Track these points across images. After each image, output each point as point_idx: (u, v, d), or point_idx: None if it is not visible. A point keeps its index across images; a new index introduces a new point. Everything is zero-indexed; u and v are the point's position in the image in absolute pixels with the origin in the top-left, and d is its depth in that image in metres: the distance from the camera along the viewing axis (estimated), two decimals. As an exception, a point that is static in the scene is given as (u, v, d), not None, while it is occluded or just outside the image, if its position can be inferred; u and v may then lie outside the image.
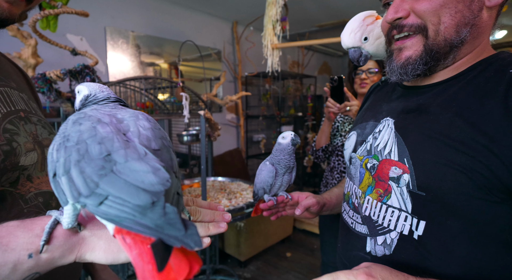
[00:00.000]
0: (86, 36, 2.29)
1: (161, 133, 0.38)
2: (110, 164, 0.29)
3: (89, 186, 0.28)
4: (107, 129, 0.32)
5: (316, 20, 3.39)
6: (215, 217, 0.43)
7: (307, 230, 3.18)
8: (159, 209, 0.27)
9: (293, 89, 3.94)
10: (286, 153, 0.77)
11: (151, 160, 0.31)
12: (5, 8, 0.49)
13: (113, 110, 0.39)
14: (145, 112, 1.92)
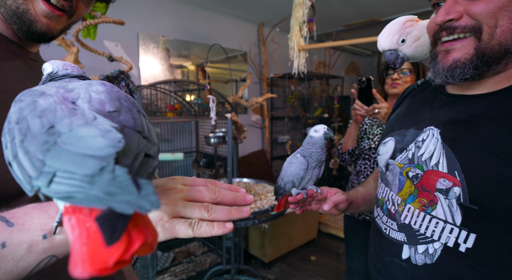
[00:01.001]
0: (121, 41, 2.42)
1: (120, 95, 0.33)
2: (53, 137, 0.26)
3: (36, 166, 0.25)
4: (49, 100, 0.29)
5: (343, 19, 3.32)
6: (236, 198, 0.41)
7: (332, 234, 3.11)
8: (108, 173, 0.23)
9: (319, 90, 3.88)
10: (318, 146, 0.76)
11: (101, 123, 0.27)
12: (44, 23, 0.50)
13: (66, 83, 0.35)
14: (174, 114, 2.00)
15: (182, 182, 0.40)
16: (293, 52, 2.06)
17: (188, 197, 0.38)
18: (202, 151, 2.76)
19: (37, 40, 0.54)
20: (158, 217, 0.35)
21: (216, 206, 0.38)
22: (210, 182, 0.42)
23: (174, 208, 0.36)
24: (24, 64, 0.54)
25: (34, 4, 0.48)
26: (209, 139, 1.87)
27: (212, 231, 0.36)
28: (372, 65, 5.32)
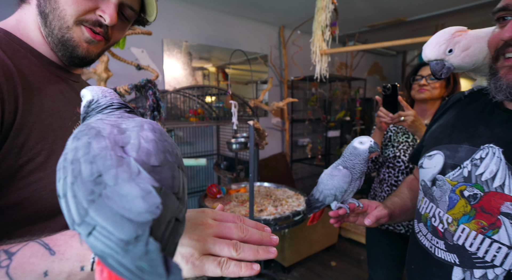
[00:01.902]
0: (146, 48, 2.51)
1: (166, 146, 0.34)
2: (100, 187, 0.26)
3: (80, 213, 0.25)
4: (101, 144, 0.30)
5: (367, 20, 3.24)
6: (263, 238, 0.41)
7: (353, 239, 3.05)
8: (141, 246, 0.23)
9: (340, 92, 3.81)
10: (362, 158, 0.74)
11: (143, 180, 0.27)
12: (84, 48, 0.54)
13: (119, 119, 0.37)
14: (197, 119, 2.04)
15: (211, 216, 0.41)
16: (315, 56, 2.05)
17: (217, 233, 0.39)
18: (223, 154, 2.81)
19: (78, 64, 0.58)
20: (189, 253, 0.35)
21: (244, 245, 0.39)
22: (238, 218, 0.43)
23: (205, 245, 0.37)
24: (67, 86, 0.58)
25: (76, 32, 0.53)
26: (231, 145, 1.90)
27: (239, 272, 0.37)
28: (397, 65, 5.15)
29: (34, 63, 0.53)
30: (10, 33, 0.53)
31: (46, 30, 0.53)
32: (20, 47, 0.52)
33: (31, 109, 0.47)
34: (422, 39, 1.71)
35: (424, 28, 3.49)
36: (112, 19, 0.52)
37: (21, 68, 0.49)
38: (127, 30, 0.63)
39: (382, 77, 5.07)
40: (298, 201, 1.93)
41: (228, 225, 0.40)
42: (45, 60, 0.55)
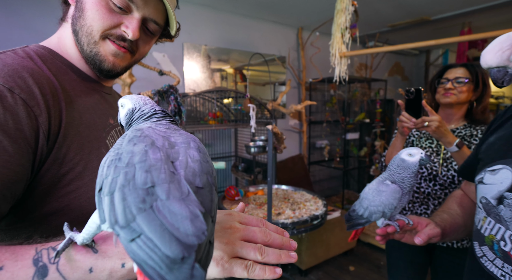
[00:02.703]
0: (168, 52, 2.59)
1: (208, 167, 0.35)
2: (151, 198, 0.27)
3: (127, 217, 0.26)
4: (157, 156, 0.31)
5: (388, 20, 3.16)
6: (284, 243, 0.43)
7: (373, 244, 2.99)
8: (187, 269, 0.23)
9: (360, 93, 3.74)
10: (411, 171, 0.69)
11: (192, 202, 0.28)
12: (110, 61, 0.58)
13: (168, 130, 0.38)
14: (216, 122, 2.08)
15: (238, 220, 0.43)
16: (334, 59, 2.03)
17: (244, 237, 0.41)
18: (240, 156, 2.84)
19: (107, 77, 0.62)
20: (219, 256, 0.37)
21: (268, 249, 0.41)
22: (261, 222, 0.45)
23: (233, 248, 0.39)
24: (101, 98, 0.62)
25: (102, 46, 0.56)
26: (249, 148, 1.92)
27: (264, 275, 0.39)
28: (419, 65, 4.98)
29: (74, 78, 0.57)
30: (53, 51, 0.57)
31: (79, 47, 0.57)
32: (62, 64, 0.57)
33: (72, 122, 0.51)
34: (447, 40, 1.65)
35: (449, 27, 3.35)
36: (135, 34, 0.55)
37: (63, 84, 0.53)
38: (153, 43, 0.65)
39: (404, 78, 4.92)
40: (316, 205, 1.92)
41: (253, 229, 0.42)
42: (82, 75, 0.60)
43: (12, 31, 1.92)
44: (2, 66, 0.45)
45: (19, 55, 0.49)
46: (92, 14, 0.54)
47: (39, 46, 0.56)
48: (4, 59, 0.46)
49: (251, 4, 2.69)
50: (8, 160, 0.40)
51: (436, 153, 1.29)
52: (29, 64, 0.49)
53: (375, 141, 3.54)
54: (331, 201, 3.58)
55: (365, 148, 3.75)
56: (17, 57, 0.48)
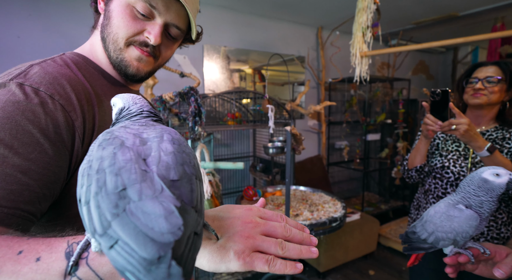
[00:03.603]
0: (188, 54, 2.64)
1: (185, 158, 0.34)
2: (124, 202, 0.26)
3: (103, 225, 0.25)
4: (126, 156, 0.30)
5: (412, 17, 3.05)
6: (304, 239, 0.43)
7: (394, 248, 2.90)
8: (164, 268, 0.23)
9: (381, 93, 3.64)
10: (494, 195, 0.60)
11: (166, 198, 0.27)
12: (135, 66, 0.60)
13: (142, 127, 0.37)
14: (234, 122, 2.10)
15: (258, 215, 0.43)
16: (355, 58, 1.99)
17: (264, 231, 0.41)
18: (259, 156, 2.85)
19: (132, 81, 0.65)
20: (241, 250, 0.38)
21: (289, 244, 0.41)
22: (281, 217, 0.45)
23: (254, 243, 0.39)
24: None
25: (127, 52, 0.59)
26: (267, 149, 1.93)
27: (285, 270, 0.38)
28: (446, 63, 4.76)
29: (105, 83, 0.60)
30: (86, 58, 0.61)
31: (106, 53, 0.60)
32: (94, 70, 0.60)
33: (104, 126, 0.54)
34: (476, 38, 1.57)
35: (478, 22, 3.18)
36: (156, 39, 0.57)
37: (96, 89, 0.56)
38: (176, 47, 0.67)
39: (429, 76, 4.73)
40: (335, 207, 1.89)
41: (273, 223, 0.42)
42: (112, 80, 0.63)
43: (47, 38, 2.04)
44: (44, 75, 0.48)
45: (58, 63, 0.53)
46: (117, 22, 0.56)
47: (74, 54, 0.60)
48: (46, 68, 0.50)
49: (270, 4, 2.69)
50: (48, 162, 0.43)
51: (464, 157, 1.23)
52: (67, 72, 0.52)
53: (397, 143, 3.43)
54: (350, 203, 3.51)
55: (387, 150, 3.64)
56: (56, 65, 0.52)
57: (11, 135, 0.41)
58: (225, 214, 0.42)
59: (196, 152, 1.48)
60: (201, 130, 1.48)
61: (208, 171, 1.60)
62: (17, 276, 0.29)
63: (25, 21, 1.97)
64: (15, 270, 0.29)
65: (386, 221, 3.35)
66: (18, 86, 0.45)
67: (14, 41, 1.95)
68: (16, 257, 0.30)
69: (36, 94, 0.45)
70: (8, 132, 0.41)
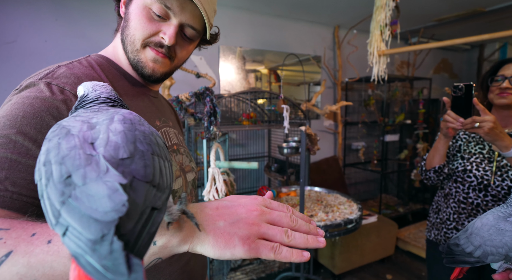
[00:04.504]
0: (204, 55, 2.68)
1: (137, 135, 0.33)
2: (69, 189, 0.26)
3: (55, 215, 0.26)
4: (70, 144, 0.30)
5: (434, 13, 2.94)
6: (310, 230, 0.42)
7: (413, 253, 2.81)
8: (106, 245, 0.23)
9: (400, 93, 3.53)
10: None
11: (111, 177, 0.27)
12: (150, 67, 0.61)
13: (93, 113, 0.36)
14: (249, 122, 2.11)
15: (263, 204, 0.43)
16: (372, 57, 1.95)
17: (270, 220, 0.41)
18: (273, 157, 2.85)
19: (149, 81, 0.66)
20: (246, 236, 0.38)
21: (295, 233, 0.40)
22: (287, 208, 0.45)
23: (259, 229, 0.39)
24: (149, 101, 0.68)
25: (144, 54, 0.60)
26: (282, 149, 1.92)
27: (291, 257, 0.38)
28: (471, 61, 4.55)
29: (126, 84, 0.63)
30: (109, 59, 0.64)
31: (126, 55, 0.62)
32: (116, 71, 0.63)
33: None
34: (504, 34, 1.50)
35: (506, 18, 3.03)
36: (171, 39, 0.58)
37: (118, 89, 0.59)
38: (192, 48, 0.67)
39: (452, 75, 4.54)
40: (351, 208, 1.86)
41: (279, 213, 0.42)
42: (133, 80, 0.65)
43: (72, 41, 2.14)
44: (70, 75, 0.52)
45: (83, 65, 0.56)
46: (135, 24, 0.58)
47: (98, 56, 0.63)
48: (72, 69, 0.53)
49: (287, 4, 2.68)
50: None
51: (488, 160, 1.17)
52: (91, 72, 0.55)
53: (417, 144, 3.32)
54: (367, 205, 3.44)
55: (406, 151, 3.53)
56: (81, 67, 0.55)
57: (36, 130, 0.44)
58: (229, 202, 0.42)
59: (211, 152, 1.51)
60: (216, 130, 1.50)
61: (223, 170, 1.62)
62: (29, 256, 0.31)
63: (52, 26, 2.07)
64: (28, 251, 0.31)
65: (405, 224, 3.26)
66: (46, 84, 0.49)
67: (41, 45, 2.05)
68: (29, 238, 0.32)
69: (62, 92, 0.49)
70: (34, 126, 0.44)
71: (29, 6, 2.00)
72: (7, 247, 0.31)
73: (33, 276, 0.30)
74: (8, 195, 0.39)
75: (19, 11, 1.98)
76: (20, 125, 0.43)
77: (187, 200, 0.69)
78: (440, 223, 1.30)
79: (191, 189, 0.72)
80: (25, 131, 0.43)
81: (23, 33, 2.00)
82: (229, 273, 2.23)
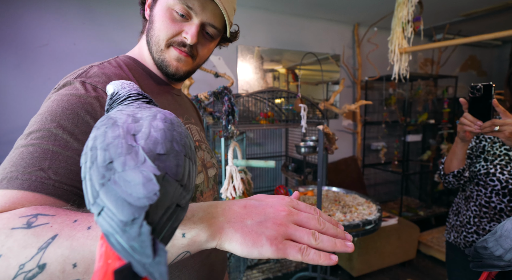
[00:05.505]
0: (223, 55, 2.72)
1: (175, 136, 0.35)
2: (110, 173, 0.29)
3: (93, 195, 0.28)
4: (115, 133, 0.33)
5: (461, 8, 2.82)
6: (338, 234, 0.41)
7: (436, 258, 2.71)
8: (136, 228, 0.24)
9: (424, 92, 3.41)
10: None
11: (147, 168, 0.29)
12: (174, 66, 0.64)
13: (137, 109, 0.39)
14: (267, 122, 2.12)
15: (291, 204, 0.43)
16: (393, 55, 1.90)
17: (297, 221, 0.41)
18: (291, 156, 2.84)
19: (173, 80, 0.69)
20: (273, 236, 0.37)
21: (323, 235, 0.40)
22: (315, 210, 0.44)
23: (287, 230, 0.39)
24: (173, 99, 0.71)
25: (168, 53, 0.63)
26: (299, 149, 1.92)
27: (319, 260, 0.38)
28: (502, 57, 4.31)
29: (151, 83, 0.66)
30: (136, 60, 0.67)
31: (151, 55, 0.65)
32: (142, 70, 0.66)
33: None
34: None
35: (541, 11, 2.85)
36: (193, 38, 0.60)
37: (144, 88, 0.62)
38: (213, 46, 0.70)
39: (481, 73, 4.32)
40: (370, 209, 1.82)
41: (307, 215, 0.41)
42: (158, 79, 0.68)
43: (99, 44, 2.24)
44: (101, 74, 0.56)
45: (112, 65, 0.60)
46: (159, 25, 0.61)
47: (126, 56, 0.67)
48: (103, 68, 0.57)
49: (305, 3, 2.67)
50: None
51: None
52: (119, 72, 0.59)
53: (441, 144, 3.19)
54: (387, 207, 3.35)
55: (429, 152, 3.41)
56: (111, 67, 0.59)
57: (73, 124, 0.48)
58: (257, 201, 0.42)
59: (229, 150, 1.53)
60: (234, 128, 1.52)
61: (240, 168, 1.64)
62: (72, 239, 0.34)
63: (80, 29, 2.19)
64: (70, 235, 0.34)
65: (427, 228, 3.14)
66: (80, 83, 0.53)
67: (70, 47, 2.17)
68: (72, 224, 0.35)
69: (95, 90, 0.53)
70: (71, 121, 0.48)
71: (59, 11, 2.12)
72: (53, 231, 0.34)
73: (75, 258, 0.33)
74: (51, 183, 0.42)
75: (50, 16, 2.10)
76: (60, 119, 0.47)
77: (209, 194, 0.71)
78: (460, 226, 1.25)
79: (213, 184, 0.74)
80: (63, 125, 0.47)
81: (54, 37, 2.12)
82: (246, 271, 2.25)
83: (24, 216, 0.35)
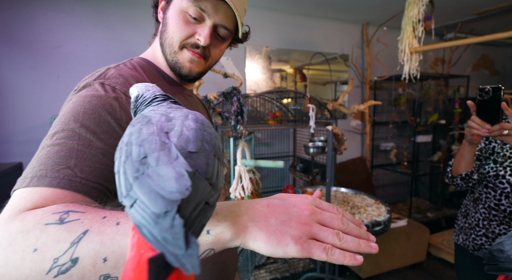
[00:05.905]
0: (231, 56, 2.74)
1: (205, 136, 0.37)
2: (144, 167, 0.30)
3: (127, 188, 0.29)
4: (150, 130, 0.34)
5: (473, 6, 2.76)
6: (361, 234, 0.41)
7: (446, 260, 2.67)
8: (169, 220, 0.25)
9: (434, 92, 3.36)
10: None
11: (179, 164, 0.30)
12: (187, 67, 0.66)
13: (169, 109, 0.41)
14: (275, 122, 2.13)
15: (314, 204, 0.43)
16: (403, 55, 1.88)
17: (321, 221, 0.40)
18: (299, 156, 2.83)
19: (186, 81, 0.71)
20: (298, 235, 0.37)
21: (347, 236, 0.39)
22: (338, 210, 0.44)
23: (311, 230, 0.38)
24: (185, 100, 0.72)
25: (181, 55, 0.65)
26: (308, 149, 1.92)
27: (344, 260, 0.37)
28: (514, 56, 4.21)
29: (164, 83, 0.68)
30: (150, 61, 0.69)
31: (164, 57, 0.67)
32: (156, 72, 0.68)
33: None
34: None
35: (557, 8, 2.77)
36: (206, 40, 0.62)
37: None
38: (225, 47, 0.71)
39: (494, 72, 4.23)
40: (379, 210, 1.81)
41: (330, 214, 0.41)
42: (170, 80, 0.70)
43: (110, 46, 2.28)
44: (118, 76, 0.58)
45: (128, 67, 0.62)
46: (172, 27, 0.63)
47: (140, 58, 0.68)
48: (119, 70, 0.59)
49: (314, 3, 2.66)
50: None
51: None
52: (135, 74, 0.61)
53: (452, 145, 3.14)
54: (396, 209, 3.31)
55: (439, 153, 3.35)
56: (127, 68, 0.61)
57: (95, 123, 0.50)
58: (280, 200, 0.42)
59: (238, 150, 1.54)
60: (242, 128, 1.53)
61: (249, 168, 1.65)
62: (102, 235, 0.35)
63: (92, 31, 2.23)
64: (101, 230, 0.35)
65: (438, 230, 3.09)
66: (100, 84, 0.55)
67: (83, 49, 2.22)
68: (101, 220, 0.37)
69: (113, 91, 0.54)
70: (93, 121, 0.50)
71: (71, 14, 2.16)
72: (84, 227, 0.36)
73: (105, 252, 0.34)
74: (78, 180, 0.44)
75: (63, 19, 2.15)
76: (82, 119, 0.49)
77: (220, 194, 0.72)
78: (469, 228, 1.23)
79: (224, 184, 0.75)
80: (86, 124, 0.49)
81: (67, 39, 2.17)
82: (253, 271, 2.26)
83: (56, 213, 0.37)
